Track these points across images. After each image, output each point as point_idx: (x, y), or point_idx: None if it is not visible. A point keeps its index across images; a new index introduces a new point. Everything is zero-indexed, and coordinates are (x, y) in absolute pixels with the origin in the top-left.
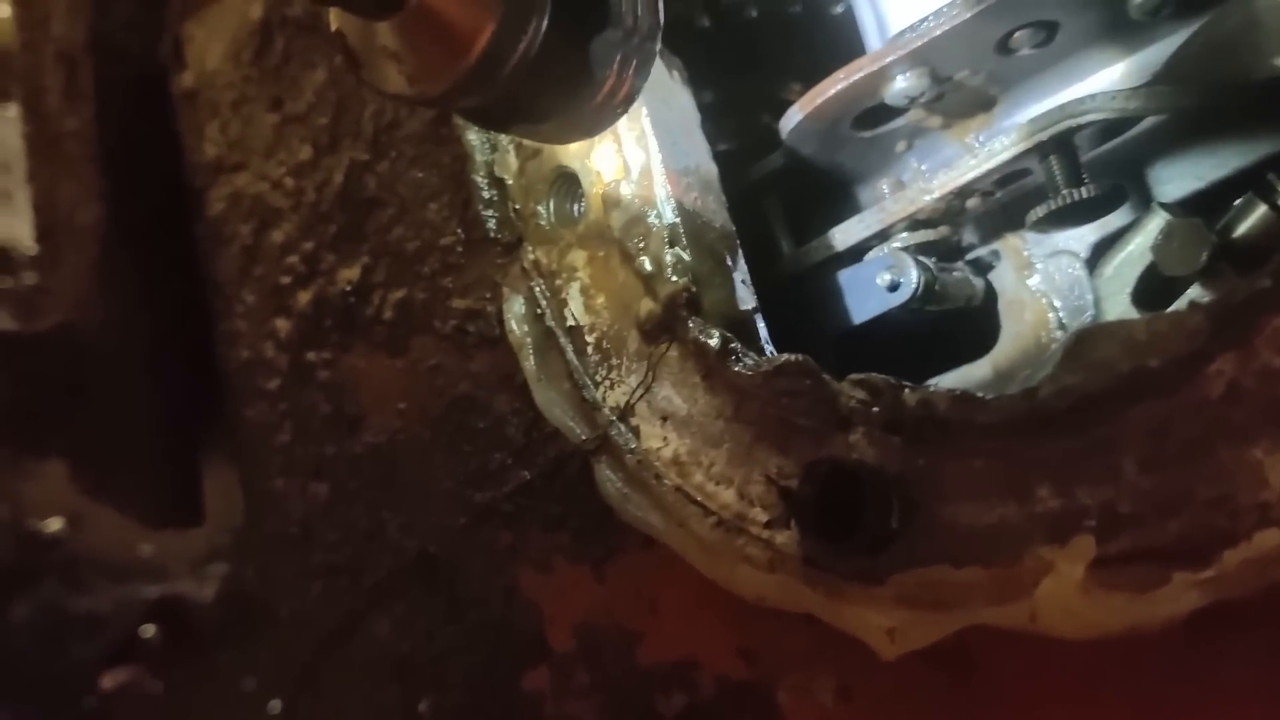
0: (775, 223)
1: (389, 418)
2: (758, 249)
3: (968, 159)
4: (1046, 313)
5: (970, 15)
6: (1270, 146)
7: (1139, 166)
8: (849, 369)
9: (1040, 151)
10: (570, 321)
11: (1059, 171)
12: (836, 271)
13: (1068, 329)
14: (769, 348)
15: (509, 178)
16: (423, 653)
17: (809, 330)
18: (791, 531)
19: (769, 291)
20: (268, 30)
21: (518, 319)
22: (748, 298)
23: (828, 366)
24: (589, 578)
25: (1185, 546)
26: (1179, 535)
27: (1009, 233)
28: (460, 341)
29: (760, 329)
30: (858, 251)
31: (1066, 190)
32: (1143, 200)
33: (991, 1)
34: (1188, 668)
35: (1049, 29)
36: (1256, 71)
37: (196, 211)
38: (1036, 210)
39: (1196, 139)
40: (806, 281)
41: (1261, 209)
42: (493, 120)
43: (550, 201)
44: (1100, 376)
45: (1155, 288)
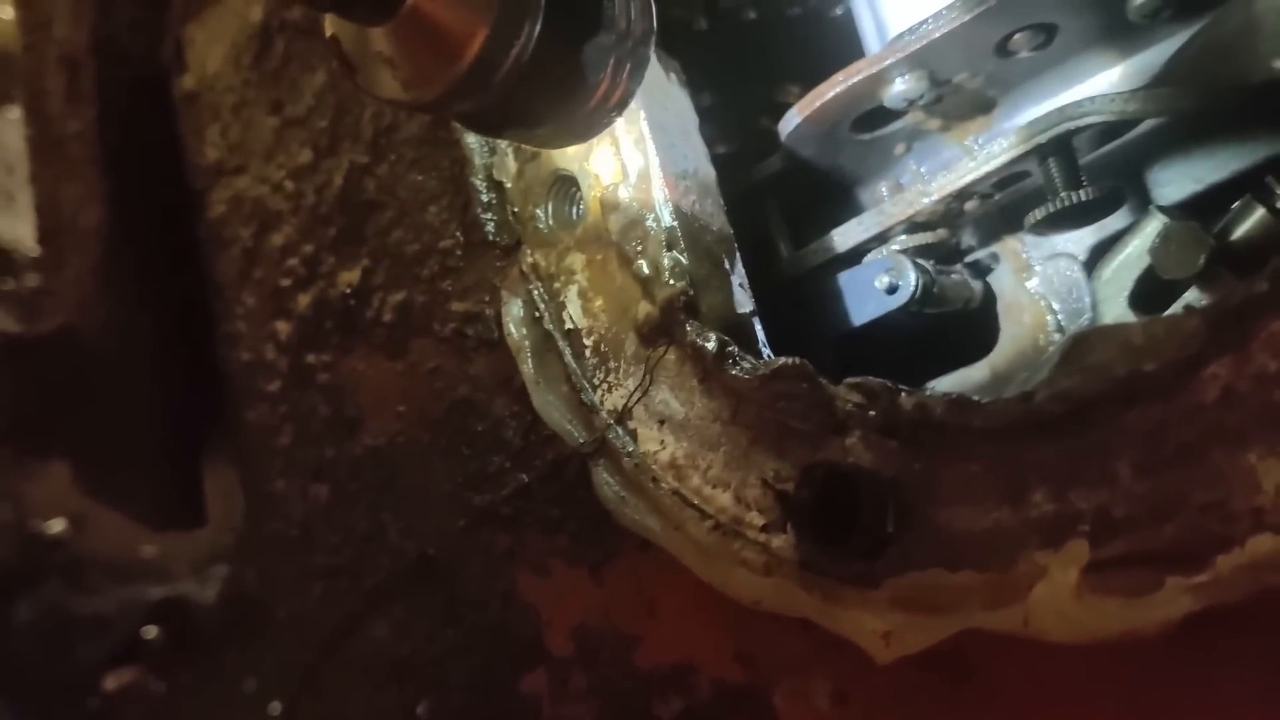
0: (774, 225)
1: (388, 420)
2: (757, 251)
3: (966, 161)
4: (1045, 315)
5: (969, 18)
6: (1268, 149)
7: (1137, 169)
8: (848, 371)
9: (1039, 154)
10: (568, 324)
11: (1057, 174)
12: (835, 274)
13: (1066, 331)
14: (766, 351)
15: (508, 181)
16: (422, 655)
17: (808, 332)
18: (788, 535)
19: (768, 294)
20: (268, 33)
21: (516, 322)
22: (745, 301)
23: (827, 368)
24: (587, 581)
25: (1179, 551)
26: (1173, 540)
27: (1008, 235)
28: (459, 344)
29: (758, 332)
30: (856, 254)
31: (1065, 193)
32: (1141, 203)
33: (990, 4)
34: (1182, 672)
35: (1048, 31)
36: (1255, 74)
37: (197, 214)
38: (1035, 213)
39: (1195, 142)
40: (806, 284)
41: (1259, 212)
42: (487, 125)
43: (549, 205)
44: (1096, 380)
45: (1153, 291)
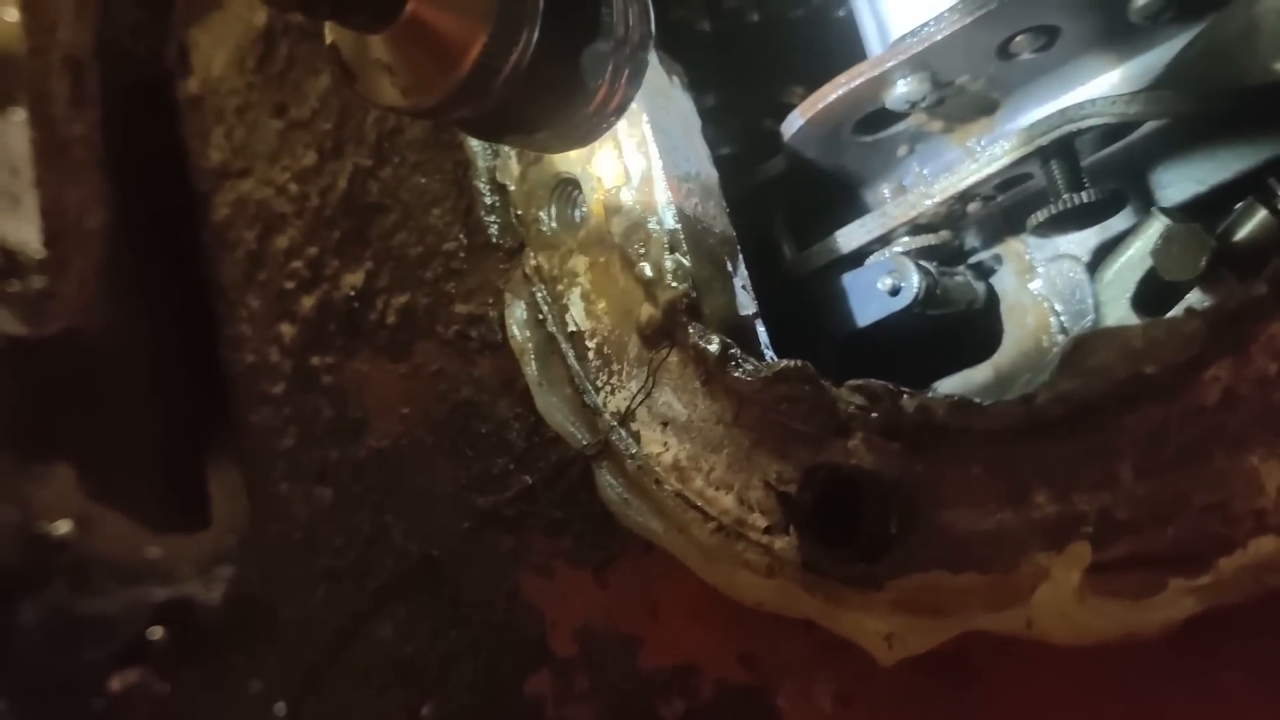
0: (777, 227)
1: (392, 422)
2: (760, 253)
3: (969, 163)
4: (1048, 317)
5: (970, 20)
6: (1271, 151)
7: (1140, 171)
8: (852, 372)
9: (1041, 156)
10: (571, 327)
11: (1060, 176)
12: (839, 275)
13: (1069, 333)
14: (769, 353)
15: (511, 183)
16: (426, 656)
17: (812, 334)
18: (790, 537)
19: (772, 295)
20: (271, 37)
21: (519, 324)
22: (748, 303)
23: (830, 370)
24: (590, 582)
25: (1181, 553)
26: (1175, 541)
27: (1011, 237)
28: (463, 347)
29: (761, 334)
30: (859, 255)
31: (1067, 195)
32: (1144, 204)
33: (992, 6)
34: (1184, 674)
35: (1049, 34)
36: (1256, 76)
37: (201, 217)
38: (1037, 214)
39: (1197, 143)
40: (809, 285)
41: (1262, 213)
42: (487, 130)
43: (552, 207)
44: (1097, 383)
45: (1155, 292)
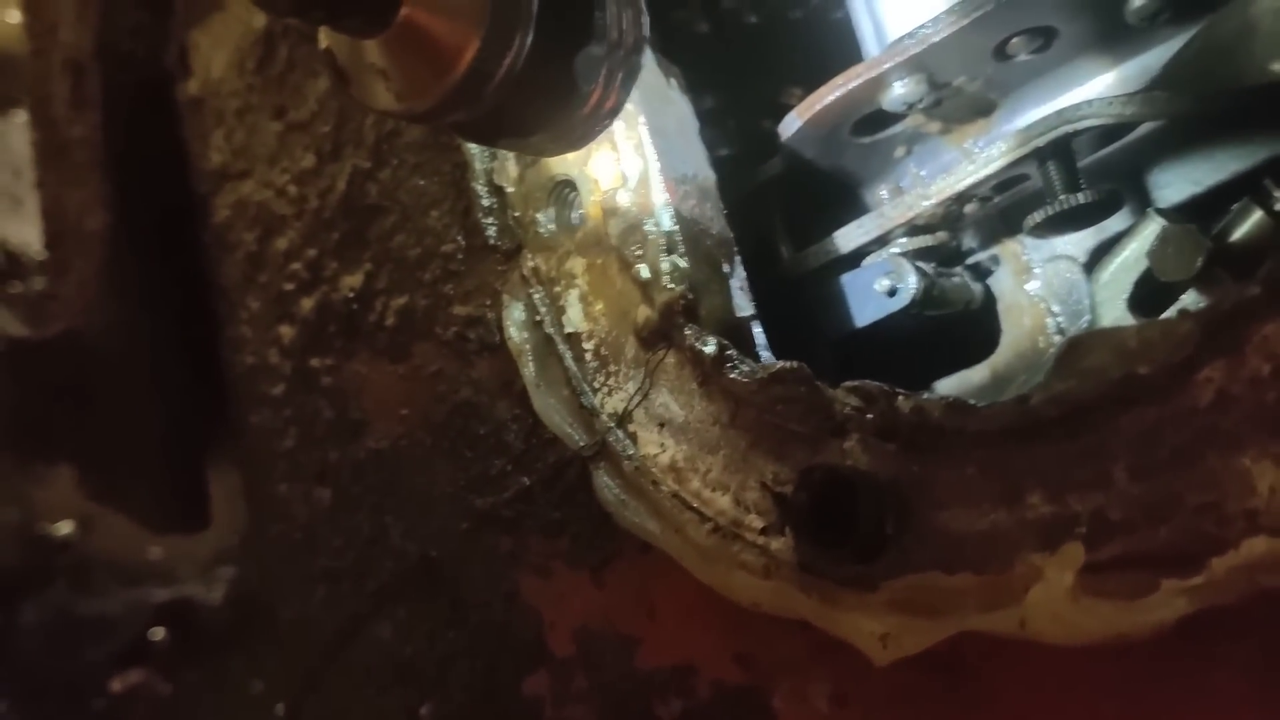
0: (775, 228)
1: (391, 424)
2: (758, 254)
3: (966, 164)
4: (1045, 317)
5: (967, 22)
6: (1267, 151)
7: (1137, 171)
8: (850, 372)
9: (1038, 157)
10: (569, 328)
11: (1056, 177)
12: (836, 276)
13: (1066, 333)
14: (766, 354)
15: (509, 185)
16: (425, 657)
17: (810, 335)
18: (786, 538)
19: (770, 296)
20: (271, 39)
21: (517, 326)
22: (745, 304)
23: (828, 370)
24: (588, 583)
25: (1174, 553)
26: (1168, 542)
27: (1008, 238)
28: (461, 348)
29: (757, 335)
30: (857, 256)
31: (1064, 195)
32: (1140, 205)
33: (988, 8)
34: (1177, 675)
35: (1046, 35)
36: (1253, 77)
37: (202, 218)
38: (1034, 215)
39: (1194, 144)
40: (807, 286)
41: (1258, 214)
42: (481, 134)
43: (549, 209)
44: (1091, 384)
45: (1152, 293)
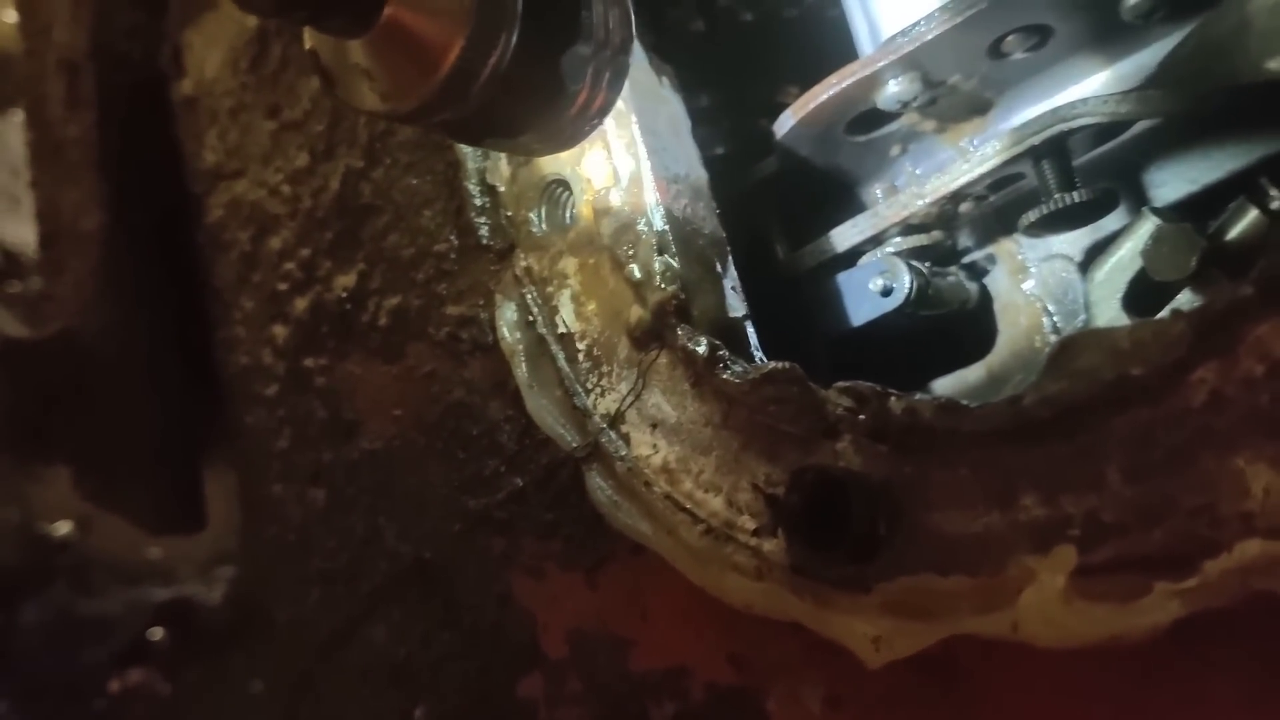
0: (770, 227)
1: (385, 424)
2: (753, 253)
3: (961, 163)
4: (1040, 317)
5: (961, 20)
6: (1263, 149)
7: (1132, 170)
8: (845, 372)
9: (1033, 155)
10: (561, 328)
11: (1051, 176)
12: (831, 276)
13: (1062, 333)
14: (759, 354)
15: (501, 185)
16: (419, 658)
17: (805, 334)
18: (779, 539)
19: (765, 295)
20: (264, 38)
21: (510, 326)
22: (738, 305)
23: (823, 370)
24: (581, 584)
25: (1168, 556)
26: (1162, 544)
27: (1003, 237)
28: (454, 348)
29: (750, 336)
30: (852, 256)
31: (1059, 194)
32: (1136, 204)
33: (982, 6)
34: (1170, 678)
35: (1041, 33)
36: (1249, 75)
37: (196, 218)
38: (1029, 214)
39: (1189, 143)
40: (802, 285)
41: (1253, 213)
42: (469, 134)
43: (542, 209)
44: (1084, 385)
45: (1147, 292)
